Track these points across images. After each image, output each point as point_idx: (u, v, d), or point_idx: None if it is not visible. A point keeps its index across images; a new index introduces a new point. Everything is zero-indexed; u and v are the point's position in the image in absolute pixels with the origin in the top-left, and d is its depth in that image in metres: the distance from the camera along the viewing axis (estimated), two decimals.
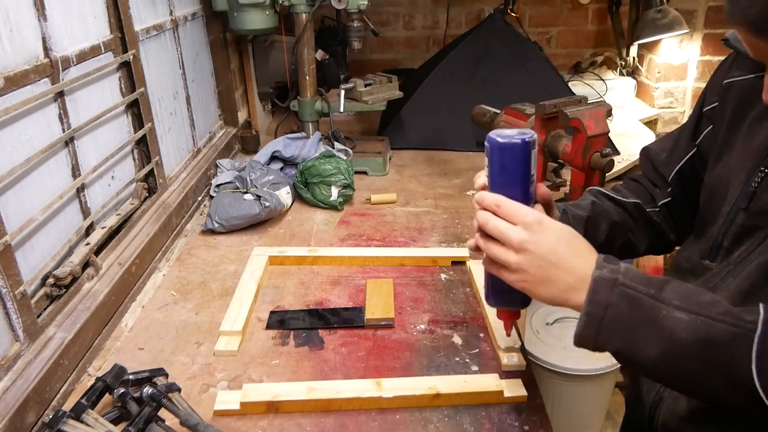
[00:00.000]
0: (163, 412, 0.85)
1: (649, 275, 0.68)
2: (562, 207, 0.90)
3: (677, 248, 0.96)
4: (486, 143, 0.75)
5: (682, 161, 0.91)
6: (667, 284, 0.66)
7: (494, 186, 0.75)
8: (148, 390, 0.86)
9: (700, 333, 0.62)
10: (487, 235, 0.74)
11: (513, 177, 0.74)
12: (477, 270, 1.21)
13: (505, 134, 0.74)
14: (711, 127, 0.86)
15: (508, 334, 0.90)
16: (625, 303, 0.65)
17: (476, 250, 0.78)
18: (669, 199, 0.95)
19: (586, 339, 0.68)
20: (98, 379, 0.86)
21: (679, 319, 0.63)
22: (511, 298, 0.77)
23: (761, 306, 0.63)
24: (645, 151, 1.01)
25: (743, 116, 0.79)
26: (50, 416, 0.80)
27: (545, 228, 0.71)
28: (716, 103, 0.85)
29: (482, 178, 0.79)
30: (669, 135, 0.98)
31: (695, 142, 0.89)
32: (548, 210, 0.83)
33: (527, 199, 0.75)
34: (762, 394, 0.60)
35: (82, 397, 0.83)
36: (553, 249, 0.69)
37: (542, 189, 0.80)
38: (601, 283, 0.66)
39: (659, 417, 0.84)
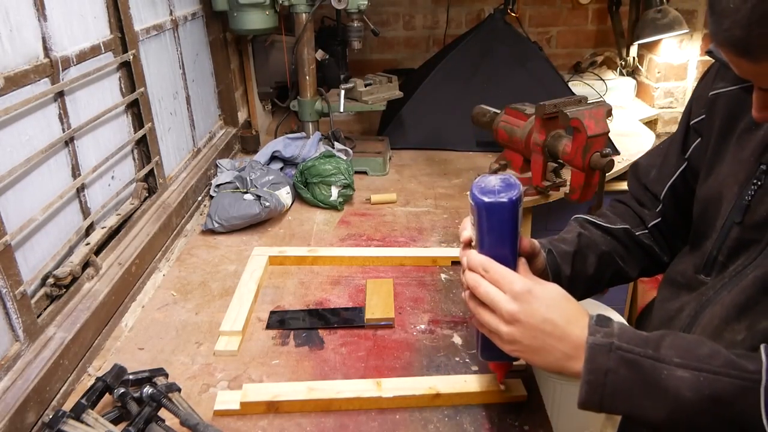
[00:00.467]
0: (163, 412, 0.85)
1: (644, 334, 0.67)
2: (547, 246, 0.88)
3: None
4: (471, 200, 0.72)
5: (674, 176, 0.90)
6: (664, 340, 0.65)
7: (481, 244, 0.74)
8: (148, 390, 0.86)
9: (705, 390, 0.61)
10: (477, 301, 0.73)
11: (500, 237, 0.73)
12: None
13: (490, 188, 0.71)
14: (699, 140, 0.85)
15: (501, 383, 0.88)
16: (624, 368, 0.64)
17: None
18: (659, 219, 0.93)
19: (591, 406, 0.66)
20: (98, 379, 0.86)
21: (682, 378, 0.62)
22: (503, 353, 0.74)
23: (762, 351, 0.62)
24: (634, 168, 0.99)
25: (732, 128, 0.78)
26: (50, 416, 0.81)
27: (535, 297, 0.69)
28: (703, 116, 0.84)
29: (467, 230, 0.78)
30: (657, 150, 0.96)
31: (685, 155, 0.88)
32: (533, 258, 0.83)
33: (514, 256, 0.74)
34: None
35: (82, 397, 0.83)
36: (545, 319, 0.68)
37: (525, 241, 0.79)
38: (597, 350, 0.65)
39: None
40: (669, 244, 0.95)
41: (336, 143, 1.75)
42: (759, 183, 0.72)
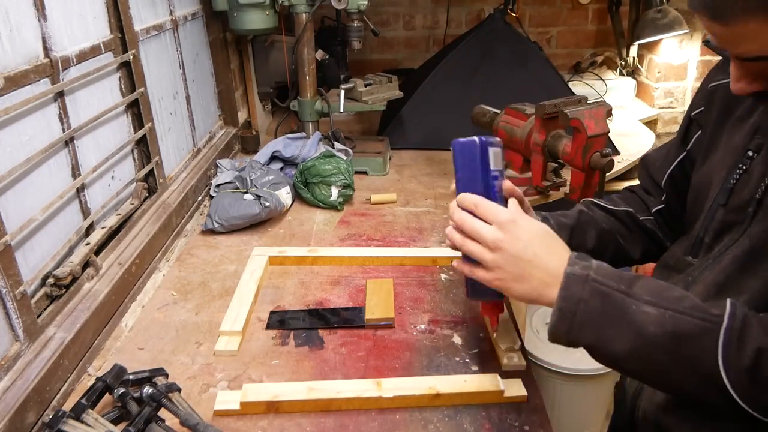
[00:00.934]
0: (163, 412, 0.85)
1: (620, 271, 0.70)
2: (544, 215, 0.93)
3: None
4: (451, 148, 0.84)
5: (673, 165, 0.93)
6: (638, 280, 0.69)
7: (459, 183, 0.83)
8: (148, 390, 0.86)
9: (668, 327, 0.64)
10: (464, 235, 0.77)
11: (472, 174, 0.82)
12: None
13: (468, 138, 0.82)
14: (700, 131, 0.89)
15: (495, 329, 0.92)
16: (597, 298, 0.67)
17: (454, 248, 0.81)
18: (662, 206, 0.97)
19: (559, 334, 0.70)
20: (98, 379, 0.86)
21: (648, 314, 0.65)
22: (490, 290, 0.79)
23: (728, 300, 0.65)
24: (643, 159, 1.03)
25: (727, 118, 0.81)
26: (50, 416, 0.81)
27: (519, 227, 0.74)
28: (702, 107, 0.87)
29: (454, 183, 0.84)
30: (666, 143, 0.99)
31: (686, 147, 0.92)
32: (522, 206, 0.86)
33: (489, 193, 0.81)
34: (728, 386, 0.62)
35: (82, 397, 0.83)
36: (526, 247, 0.72)
37: (507, 184, 0.83)
38: (573, 279, 0.68)
39: (639, 408, 0.86)
40: (672, 230, 0.97)
41: (336, 143, 1.75)
42: (744, 167, 0.76)
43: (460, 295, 1.16)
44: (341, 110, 1.79)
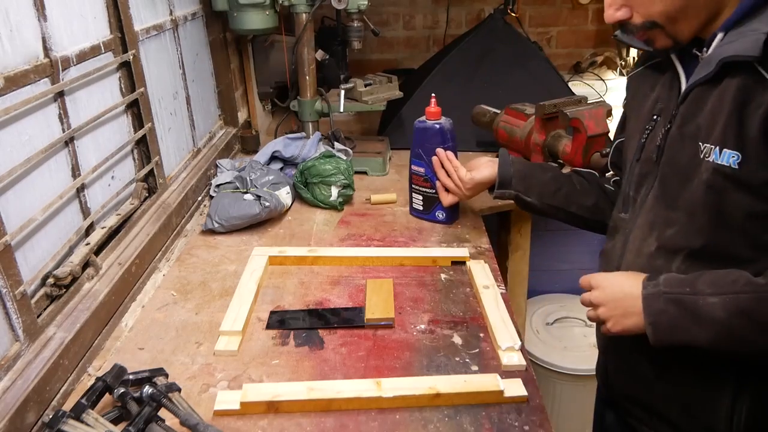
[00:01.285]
0: (163, 412, 0.85)
1: (683, 276, 0.83)
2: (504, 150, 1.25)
3: None
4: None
5: (613, 147, 1.13)
6: (699, 278, 0.81)
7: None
8: (148, 390, 0.86)
9: (732, 308, 0.77)
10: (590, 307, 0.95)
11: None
12: (477, 270, 1.21)
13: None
14: (626, 117, 1.06)
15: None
16: (672, 305, 0.81)
17: None
18: (617, 178, 1.15)
19: (660, 343, 0.84)
20: (98, 379, 0.86)
21: (714, 303, 0.78)
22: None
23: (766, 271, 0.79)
24: (611, 163, 1.19)
25: (637, 95, 1.00)
26: (50, 416, 0.81)
27: (601, 280, 0.92)
28: (626, 97, 1.06)
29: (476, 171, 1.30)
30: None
31: (623, 131, 1.08)
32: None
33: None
34: None
35: (82, 397, 0.83)
36: (613, 290, 0.91)
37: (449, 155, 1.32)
38: (651, 298, 0.83)
39: (611, 381, 1.04)
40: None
41: (336, 143, 1.75)
42: (650, 128, 0.93)
43: (460, 295, 1.16)
44: (341, 110, 1.79)
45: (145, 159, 1.31)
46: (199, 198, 1.55)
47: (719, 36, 0.81)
